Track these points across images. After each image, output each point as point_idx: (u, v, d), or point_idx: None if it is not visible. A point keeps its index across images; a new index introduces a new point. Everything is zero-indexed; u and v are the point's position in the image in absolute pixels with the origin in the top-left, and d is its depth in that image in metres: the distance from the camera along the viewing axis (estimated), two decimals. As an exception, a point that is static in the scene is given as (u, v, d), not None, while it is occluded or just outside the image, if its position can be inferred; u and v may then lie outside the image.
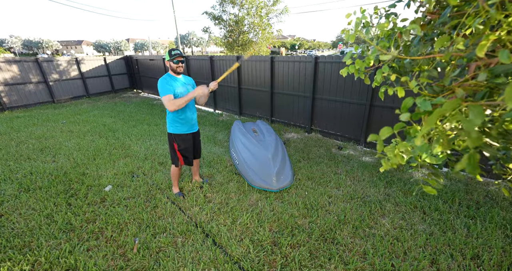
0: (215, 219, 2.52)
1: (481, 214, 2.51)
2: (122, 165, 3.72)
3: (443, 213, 2.53)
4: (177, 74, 2.42)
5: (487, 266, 1.90)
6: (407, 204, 2.71)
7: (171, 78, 2.39)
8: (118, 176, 3.41)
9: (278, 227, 2.40)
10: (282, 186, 3.02)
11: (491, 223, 2.39)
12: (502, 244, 2.11)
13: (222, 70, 6.80)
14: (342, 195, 2.94)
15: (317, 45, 57.28)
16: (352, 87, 4.43)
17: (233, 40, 8.55)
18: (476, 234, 2.24)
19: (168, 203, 2.77)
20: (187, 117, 2.53)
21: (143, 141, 4.77)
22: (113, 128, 5.56)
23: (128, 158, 3.99)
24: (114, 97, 10.05)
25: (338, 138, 4.93)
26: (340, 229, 2.35)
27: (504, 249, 2.06)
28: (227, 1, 8.02)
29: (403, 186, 3.10)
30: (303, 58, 5.03)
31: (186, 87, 2.45)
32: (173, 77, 2.40)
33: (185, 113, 2.51)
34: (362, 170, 3.58)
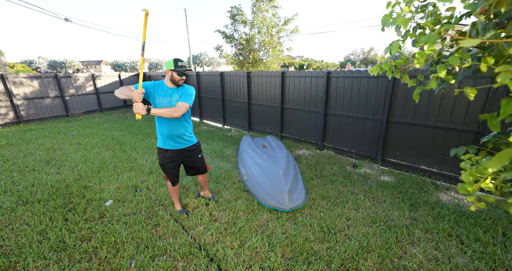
0: (221, 241, 2.26)
1: (531, 246, 2.15)
2: (126, 179, 3.56)
3: (487, 245, 2.17)
4: (173, 85, 2.24)
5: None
6: (439, 231, 2.37)
7: (159, 84, 2.24)
8: (120, 190, 3.24)
9: (291, 253, 2.11)
10: (295, 206, 2.75)
11: (545, 257, 2.02)
12: None
13: (232, 86, 6.83)
14: (362, 217, 2.63)
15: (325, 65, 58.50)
16: (366, 103, 4.26)
17: (244, 58, 8.73)
18: (531, 270, 1.87)
19: (170, 220, 2.54)
20: (161, 131, 2.31)
21: (149, 154, 4.66)
22: (121, 141, 5.52)
23: (132, 171, 3.84)
24: (126, 112, 10.24)
25: (352, 155, 4.66)
26: (364, 257, 2.03)
27: None
28: (239, 21, 8.33)
29: (431, 209, 2.77)
30: (314, 73, 4.97)
31: (169, 99, 2.21)
32: (163, 86, 2.24)
33: (159, 126, 2.31)
34: (382, 190, 3.27)
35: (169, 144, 2.38)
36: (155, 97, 2.23)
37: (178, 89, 2.27)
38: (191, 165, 2.58)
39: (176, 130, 2.33)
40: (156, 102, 2.23)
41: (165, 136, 2.35)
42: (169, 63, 2.17)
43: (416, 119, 3.73)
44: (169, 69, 2.17)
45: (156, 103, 2.23)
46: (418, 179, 3.63)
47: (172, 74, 2.18)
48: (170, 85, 2.26)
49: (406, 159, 3.98)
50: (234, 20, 8.26)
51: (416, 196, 3.09)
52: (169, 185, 2.60)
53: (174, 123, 2.29)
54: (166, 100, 2.23)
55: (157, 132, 2.41)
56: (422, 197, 3.07)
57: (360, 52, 50.26)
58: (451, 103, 3.37)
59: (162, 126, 2.31)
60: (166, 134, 2.33)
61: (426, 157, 3.75)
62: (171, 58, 2.25)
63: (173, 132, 2.33)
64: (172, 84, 2.24)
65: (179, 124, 2.33)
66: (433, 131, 3.62)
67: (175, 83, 2.22)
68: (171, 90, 2.25)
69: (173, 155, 2.41)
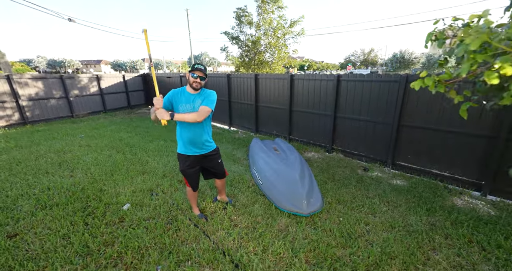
0: (244, 246, 2.27)
1: (551, 252, 2.17)
2: (140, 182, 3.57)
3: (510, 252, 2.19)
4: (193, 90, 2.23)
5: None
6: (459, 236, 2.40)
7: (180, 92, 2.27)
8: (136, 193, 3.25)
9: (315, 259, 2.12)
10: (313, 210, 2.77)
11: None
12: None
13: (239, 88, 6.84)
14: (381, 222, 2.65)
15: (325, 66, 58.55)
16: (377, 106, 4.28)
17: (250, 60, 8.73)
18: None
19: (190, 225, 2.55)
20: (182, 137, 2.31)
21: (160, 157, 4.66)
22: (130, 144, 5.52)
23: (146, 175, 3.85)
24: (130, 113, 10.23)
25: (362, 159, 4.68)
26: (388, 264, 2.05)
27: None
28: (244, 22, 8.33)
29: (447, 214, 2.79)
30: (324, 76, 4.99)
31: (192, 105, 2.22)
32: (183, 92, 2.27)
33: (181, 131, 2.33)
34: (396, 194, 3.29)
35: (190, 150, 2.39)
36: (178, 105, 2.25)
37: (200, 94, 2.28)
38: (211, 170, 2.59)
39: (199, 135, 2.34)
40: (180, 109, 2.25)
41: (187, 142, 2.35)
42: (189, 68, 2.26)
43: (428, 123, 3.76)
44: (187, 72, 2.23)
45: (179, 110, 2.25)
46: (431, 183, 3.65)
47: (188, 77, 2.22)
48: (191, 91, 2.28)
49: (418, 162, 4.00)
50: (240, 22, 8.27)
51: (431, 201, 3.11)
52: (189, 191, 2.61)
53: (196, 128, 2.30)
54: (189, 107, 2.25)
55: (177, 138, 2.41)
56: (437, 202, 3.10)
57: (360, 53, 50.31)
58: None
59: (184, 131, 2.32)
60: (188, 140, 2.34)
61: (437, 161, 3.78)
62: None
63: (195, 138, 2.34)
64: (192, 89, 2.26)
65: (201, 130, 2.34)
66: (445, 135, 3.64)
67: (192, 87, 2.23)
68: (193, 96, 2.27)
69: (194, 160, 2.42)
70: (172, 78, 9.57)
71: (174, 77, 9.48)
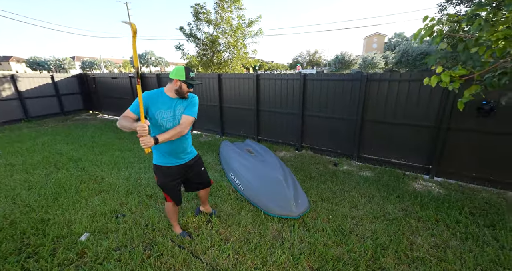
0: (241, 262, 2.07)
1: (497, 222, 2.61)
2: (99, 203, 2.97)
3: (466, 225, 2.55)
4: (178, 96, 1.93)
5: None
6: (428, 218, 2.69)
7: (157, 95, 1.91)
8: (96, 218, 2.67)
9: (317, 262, 2.07)
10: (302, 211, 2.74)
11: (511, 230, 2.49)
12: (529, 250, 2.17)
13: (201, 88, 6.43)
14: (364, 215, 2.79)
15: (275, 66, 61.01)
16: (341, 104, 4.56)
17: (208, 59, 8.34)
18: (510, 244, 2.27)
19: (175, 247, 2.21)
20: (159, 147, 2.01)
21: (118, 170, 4.00)
22: (74, 157, 4.60)
23: (104, 194, 3.23)
24: (65, 120, 8.64)
25: (331, 154, 4.94)
26: (383, 255, 2.15)
27: (534, 255, 2.12)
28: (202, 20, 7.90)
29: (414, 199, 3.12)
30: (290, 75, 5.07)
31: (172, 111, 1.91)
32: (161, 95, 1.91)
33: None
34: (368, 186, 3.54)
35: (170, 161, 2.06)
36: (155, 112, 1.88)
37: (183, 100, 1.97)
38: (195, 180, 2.30)
39: (178, 145, 2.04)
40: (156, 116, 1.89)
41: (165, 152, 2.03)
42: (178, 73, 1.85)
43: (386, 118, 4.17)
44: (178, 79, 1.86)
45: (157, 118, 1.89)
46: (391, 171, 4.07)
47: (181, 85, 1.88)
48: (172, 95, 1.94)
49: (379, 153, 4.42)
50: (197, 18, 7.79)
51: (397, 188, 3.45)
52: (170, 206, 2.26)
53: (176, 139, 1.97)
54: (169, 114, 1.91)
55: (152, 148, 2.04)
56: (402, 188, 3.45)
57: (306, 54, 54.14)
58: (414, 103, 3.87)
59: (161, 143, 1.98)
60: (167, 151, 2.02)
61: (395, 150, 4.24)
62: (181, 66, 1.96)
63: (175, 148, 2.04)
64: (175, 95, 1.94)
65: (181, 138, 2.03)
66: (399, 127, 4.10)
67: (181, 95, 1.93)
68: (174, 101, 1.94)
69: (175, 171, 2.10)
70: (119, 79, 8.43)
71: (121, 78, 8.36)
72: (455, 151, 3.71)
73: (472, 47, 1.13)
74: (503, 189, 3.41)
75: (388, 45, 44.44)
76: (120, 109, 8.84)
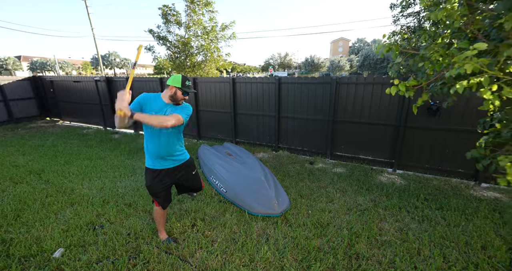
0: (230, 261, 2.14)
1: (445, 205, 3.06)
2: (72, 216, 2.79)
3: (422, 210, 2.95)
4: (172, 102, 2.00)
5: (478, 250, 2.28)
6: (393, 206, 3.04)
7: (154, 98, 1.99)
8: (70, 232, 2.51)
9: (300, 254, 2.24)
10: (284, 208, 2.90)
11: (455, 210, 2.93)
12: (472, 228, 2.60)
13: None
14: (339, 207, 3.05)
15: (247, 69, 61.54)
16: (315, 105, 4.87)
17: (181, 62, 8.18)
18: (454, 223, 2.68)
19: (161, 254, 2.19)
20: (149, 149, 2.04)
21: (90, 180, 3.77)
22: (35, 170, 4.20)
23: (76, 206, 3.03)
24: (16, 128, 7.78)
25: (306, 153, 5.22)
26: (357, 242, 2.39)
27: (477, 233, 2.54)
28: (172, 22, 7.74)
29: (381, 190, 3.49)
30: (265, 79, 5.26)
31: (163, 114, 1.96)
32: (157, 98, 1.99)
33: (147, 143, 2.05)
34: (341, 181, 3.85)
35: (159, 163, 2.08)
36: (146, 112, 1.91)
37: (176, 107, 2.02)
38: (185, 183, 2.32)
39: (165, 149, 2.05)
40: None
41: (154, 155, 2.05)
42: (175, 80, 1.95)
43: (354, 118, 4.57)
44: (174, 86, 1.95)
45: None
46: (361, 166, 4.46)
47: (176, 91, 1.97)
48: (166, 100, 2.00)
49: (349, 151, 4.81)
50: (167, 20, 7.60)
51: (366, 181, 3.80)
52: (158, 211, 2.25)
53: (164, 141, 2.02)
54: None
55: (144, 151, 2.09)
56: (370, 181, 3.82)
57: (277, 57, 55.66)
58: (377, 105, 4.31)
59: (150, 144, 2.02)
60: (155, 153, 2.04)
61: (363, 148, 4.65)
62: (178, 74, 2.06)
63: (162, 151, 2.04)
64: (169, 100, 2.00)
65: (170, 142, 2.06)
66: (366, 126, 4.52)
67: (175, 101, 2.00)
68: (168, 106, 1.99)
69: (163, 174, 2.12)
70: (83, 83, 7.83)
71: (85, 82, 7.77)
72: (411, 146, 4.22)
73: (419, 62, 1.39)
74: (448, 176, 3.97)
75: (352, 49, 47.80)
76: (84, 115, 8.23)
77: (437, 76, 1.36)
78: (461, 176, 3.95)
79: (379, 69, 31.41)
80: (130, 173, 4.04)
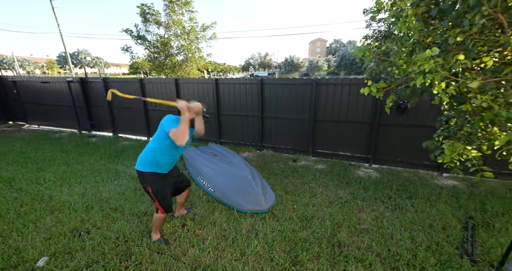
0: (222, 256, 2.23)
1: (413, 194, 3.40)
2: (53, 224, 2.69)
3: (395, 199, 3.26)
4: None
5: (439, 231, 2.60)
6: (370, 197, 3.32)
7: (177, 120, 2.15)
8: (53, 240, 2.43)
9: (288, 246, 2.39)
10: (271, 205, 3.04)
11: (421, 198, 3.28)
12: (435, 212, 2.94)
13: (156, 94, 6.20)
14: (322, 201, 3.26)
15: (228, 68, 61.21)
16: (296, 105, 5.08)
17: (160, 62, 8.00)
18: (421, 209, 3.01)
19: (153, 254, 2.22)
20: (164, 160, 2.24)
21: (69, 186, 3.62)
22: (3, 178, 3.93)
23: (57, 213, 2.92)
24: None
25: (289, 152, 5.43)
26: (339, 231, 2.60)
27: (439, 216, 2.88)
28: (151, 21, 7.55)
29: (359, 184, 3.77)
30: (248, 80, 5.38)
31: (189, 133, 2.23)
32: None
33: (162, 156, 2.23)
34: (323, 176, 4.09)
35: (165, 169, 2.26)
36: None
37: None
38: (179, 181, 2.49)
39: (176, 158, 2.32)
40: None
41: (168, 165, 2.26)
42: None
43: (333, 117, 4.85)
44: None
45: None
46: (340, 162, 4.75)
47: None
48: None
49: (329, 148, 5.09)
50: (145, 19, 7.38)
51: (346, 176, 4.08)
52: (161, 217, 2.32)
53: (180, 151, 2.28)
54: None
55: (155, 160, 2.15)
56: (349, 176, 4.11)
57: (258, 56, 56.04)
58: (354, 104, 4.62)
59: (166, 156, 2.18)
60: (169, 163, 2.25)
61: (342, 144, 4.96)
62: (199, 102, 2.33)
63: (176, 159, 2.33)
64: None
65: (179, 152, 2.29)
66: (344, 124, 4.83)
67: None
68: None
69: (167, 177, 2.30)
70: (52, 84, 7.35)
71: (55, 83, 7.30)
72: (384, 142, 4.59)
73: (388, 67, 1.60)
74: (416, 169, 4.40)
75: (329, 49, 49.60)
76: (55, 118, 7.74)
77: (402, 80, 1.58)
78: (427, 168, 4.38)
79: (355, 69, 33.01)
80: (113, 177, 3.94)
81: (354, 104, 4.61)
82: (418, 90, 1.50)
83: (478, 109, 1.20)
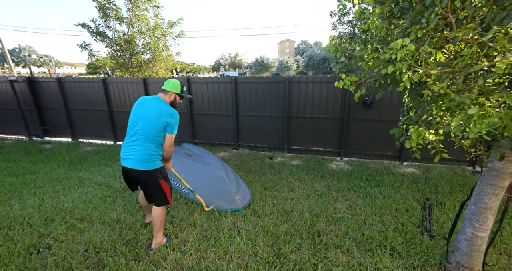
0: (205, 257, 2.17)
1: (380, 182, 3.70)
2: (2, 242, 2.34)
3: (365, 188, 3.51)
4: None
5: (403, 213, 2.87)
6: (343, 188, 3.52)
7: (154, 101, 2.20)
8: (4, 261, 2.12)
9: (271, 240, 2.42)
10: (246, 203, 3.05)
11: (387, 185, 3.58)
12: (399, 197, 3.24)
13: (122, 95, 5.79)
14: (300, 195, 3.36)
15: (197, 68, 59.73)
16: (270, 103, 5.17)
17: (125, 61, 7.47)
18: (388, 195, 3.29)
19: (130, 263, 2.07)
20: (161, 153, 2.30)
21: (20, 199, 3.19)
22: None
23: (7, 230, 2.55)
24: None
25: (265, 149, 5.49)
26: (317, 222, 2.71)
27: (403, 200, 3.18)
28: (111, 16, 7.00)
29: (333, 176, 3.97)
30: (222, 79, 5.32)
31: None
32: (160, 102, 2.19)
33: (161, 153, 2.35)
34: (299, 171, 4.22)
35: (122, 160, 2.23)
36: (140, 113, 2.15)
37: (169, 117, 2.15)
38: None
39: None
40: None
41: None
42: (175, 86, 2.20)
43: (306, 113, 5.04)
44: (173, 92, 2.20)
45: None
46: (315, 157, 4.96)
47: (176, 97, 2.24)
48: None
49: (303, 144, 5.28)
50: (104, 14, 6.81)
51: (320, 170, 4.27)
52: (164, 209, 2.29)
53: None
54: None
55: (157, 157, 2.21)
56: (323, 169, 4.31)
57: (228, 57, 55.66)
58: (324, 101, 4.86)
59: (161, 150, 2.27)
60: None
61: (315, 140, 5.18)
62: (175, 79, 2.27)
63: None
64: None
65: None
66: (316, 120, 5.05)
67: (173, 106, 2.23)
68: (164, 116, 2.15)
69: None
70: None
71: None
72: (353, 136, 4.90)
73: (358, 62, 1.72)
74: (382, 159, 4.79)
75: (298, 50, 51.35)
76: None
77: (371, 75, 1.71)
78: (390, 158, 4.80)
79: (322, 69, 34.72)
80: (76, 186, 3.57)
81: (325, 101, 4.85)
82: (386, 82, 1.64)
83: (436, 95, 1.37)
